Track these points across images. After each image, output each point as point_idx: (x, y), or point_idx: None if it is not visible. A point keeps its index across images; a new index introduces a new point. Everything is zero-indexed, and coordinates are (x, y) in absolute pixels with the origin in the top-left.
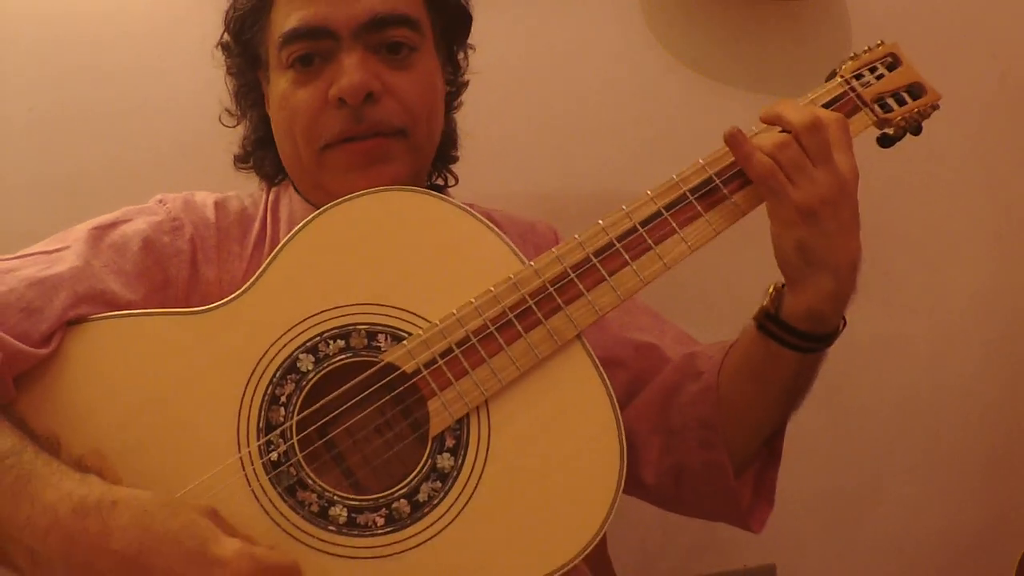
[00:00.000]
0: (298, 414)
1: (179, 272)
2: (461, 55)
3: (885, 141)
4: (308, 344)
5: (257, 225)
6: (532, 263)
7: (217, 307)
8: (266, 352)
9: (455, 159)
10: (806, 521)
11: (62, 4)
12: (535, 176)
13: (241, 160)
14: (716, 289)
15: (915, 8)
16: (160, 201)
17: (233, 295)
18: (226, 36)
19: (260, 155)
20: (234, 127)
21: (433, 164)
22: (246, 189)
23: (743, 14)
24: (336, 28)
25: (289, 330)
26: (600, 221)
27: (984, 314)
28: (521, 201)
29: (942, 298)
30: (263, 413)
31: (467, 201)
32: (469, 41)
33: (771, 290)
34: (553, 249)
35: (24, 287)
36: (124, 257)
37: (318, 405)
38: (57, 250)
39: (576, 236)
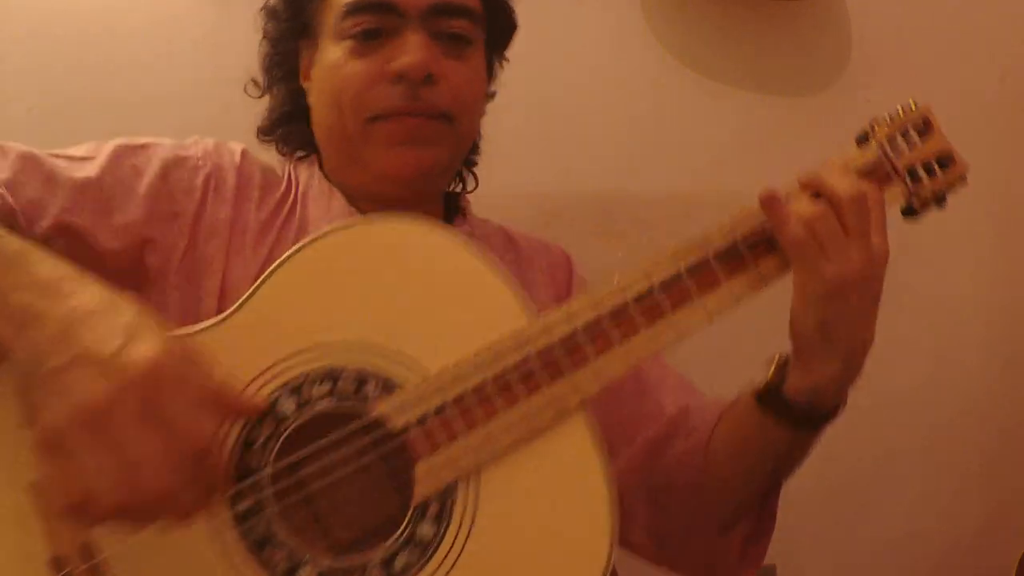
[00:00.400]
0: (275, 462)
1: (187, 207)
2: (497, 64)
3: (909, 213)
4: (291, 384)
5: (283, 187)
6: (541, 318)
7: (200, 330)
8: (246, 388)
9: (475, 163)
10: (806, 521)
11: (62, 4)
12: (535, 176)
13: (265, 132)
14: None
15: (915, 8)
16: (195, 141)
17: (216, 319)
18: (274, 0)
19: (286, 129)
20: (259, 98)
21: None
22: None
23: (743, 14)
24: (405, 8)
25: (272, 366)
26: (616, 279)
27: (984, 314)
28: (521, 201)
29: (942, 298)
30: (237, 457)
31: (470, 203)
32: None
33: (774, 362)
34: (564, 305)
35: (39, 182)
36: (139, 178)
37: (296, 457)
38: (83, 158)
39: (589, 293)
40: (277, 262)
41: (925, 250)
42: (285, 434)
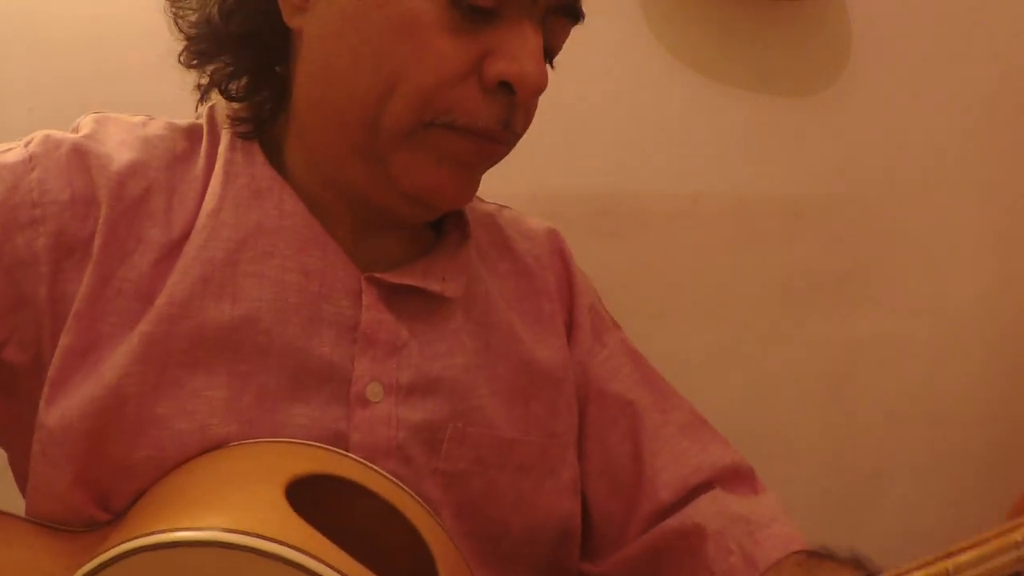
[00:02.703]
0: None
1: (35, 288)
2: None
3: None
4: None
5: (199, 183)
6: None
7: None
8: None
9: None
10: (806, 521)
11: (61, 4)
12: (535, 176)
13: (197, 56)
14: (716, 289)
15: (915, 8)
16: (28, 160)
17: None
18: None
19: (227, 60)
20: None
21: None
22: None
23: (743, 14)
24: None
25: None
26: None
27: (985, 314)
28: (521, 201)
29: (943, 298)
30: None
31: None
32: None
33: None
34: None
35: None
36: None
37: None
38: None
39: None
40: None
41: (925, 250)
42: None
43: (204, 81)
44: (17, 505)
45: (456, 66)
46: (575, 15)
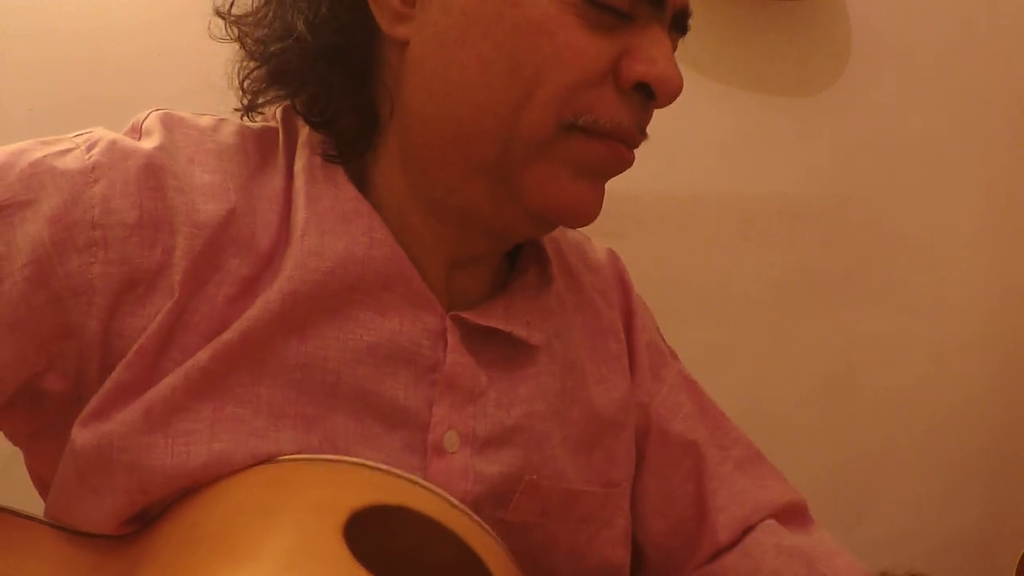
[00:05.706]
0: None
1: (84, 319)
2: None
3: None
4: None
5: (278, 213)
6: None
7: None
8: None
9: None
10: None
11: (62, 3)
12: None
13: (314, 113)
14: (716, 289)
15: (915, 8)
16: (92, 171)
17: None
18: None
19: (345, 112)
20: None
21: None
22: None
23: (743, 14)
24: None
25: None
26: None
27: (984, 314)
28: None
29: (942, 298)
30: None
31: None
32: None
33: None
34: None
35: None
36: None
37: None
38: None
39: None
40: None
41: (924, 250)
42: None
43: (246, 102)
44: (18, 504)
45: (598, 64)
46: (686, 30)
